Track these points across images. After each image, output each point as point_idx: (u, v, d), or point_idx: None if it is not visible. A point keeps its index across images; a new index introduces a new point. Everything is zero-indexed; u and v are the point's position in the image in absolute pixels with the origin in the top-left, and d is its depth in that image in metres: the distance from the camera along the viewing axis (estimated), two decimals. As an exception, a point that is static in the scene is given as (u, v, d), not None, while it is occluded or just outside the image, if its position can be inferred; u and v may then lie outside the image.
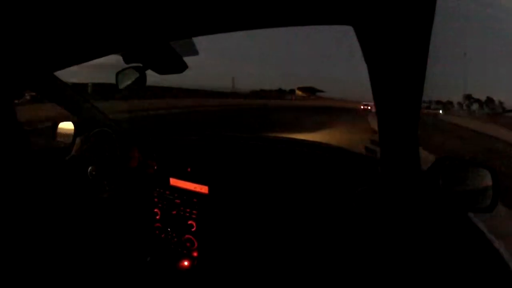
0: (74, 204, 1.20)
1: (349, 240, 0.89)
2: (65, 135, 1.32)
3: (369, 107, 33.98)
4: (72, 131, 1.30)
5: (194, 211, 1.12)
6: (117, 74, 0.95)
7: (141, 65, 0.91)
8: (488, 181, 0.73)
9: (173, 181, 1.17)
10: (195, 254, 1.13)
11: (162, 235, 1.19)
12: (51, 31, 0.61)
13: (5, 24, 0.55)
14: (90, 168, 1.10)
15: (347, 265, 0.90)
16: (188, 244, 1.13)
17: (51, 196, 1.17)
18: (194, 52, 0.91)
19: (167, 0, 0.49)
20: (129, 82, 0.95)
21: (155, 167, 1.21)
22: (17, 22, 0.55)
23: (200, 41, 0.87)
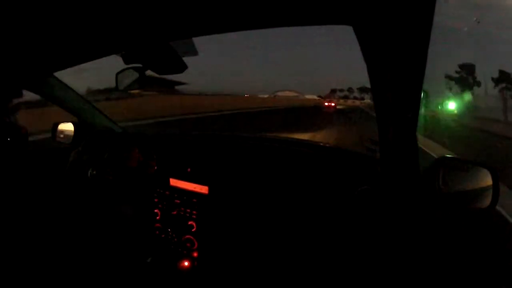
0: (74, 204, 1.20)
1: (349, 240, 0.89)
2: (65, 136, 1.32)
3: (333, 104, 29.35)
4: (72, 132, 1.30)
5: (194, 212, 1.12)
6: (117, 74, 0.95)
7: (140, 65, 0.92)
8: (488, 180, 0.73)
9: (173, 182, 1.17)
10: (195, 254, 1.13)
11: (162, 236, 1.19)
12: (51, 32, 0.61)
13: (5, 25, 0.55)
14: (90, 170, 1.10)
15: (347, 264, 0.90)
16: (188, 245, 1.13)
17: (51, 197, 1.17)
18: (193, 52, 0.91)
19: (166, 0, 0.49)
20: (128, 82, 0.95)
21: (155, 168, 1.21)
22: (17, 23, 0.55)
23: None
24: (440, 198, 0.75)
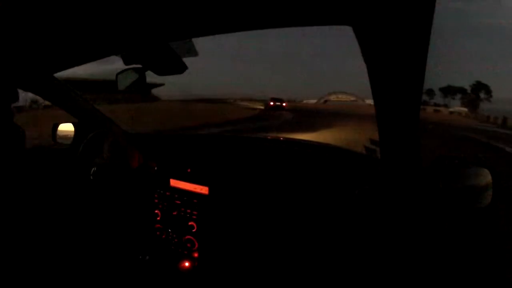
0: (74, 204, 1.20)
1: (349, 240, 0.89)
2: (65, 136, 1.32)
3: (283, 104, 23.06)
4: (72, 133, 1.30)
5: (195, 212, 1.12)
6: (117, 75, 0.95)
7: (140, 66, 0.92)
8: (487, 180, 0.73)
9: (173, 182, 1.17)
10: (195, 255, 1.13)
11: (163, 236, 1.19)
12: (50, 33, 0.61)
13: (5, 25, 0.55)
14: (92, 169, 1.10)
15: (348, 265, 0.90)
16: (188, 245, 1.13)
17: (51, 196, 1.17)
18: (193, 53, 0.91)
19: (166, 1, 0.49)
20: (128, 83, 0.95)
21: (155, 168, 1.21)
22: (17, 24, 0.56)
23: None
24: (440, 198, 0.75)
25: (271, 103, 23.27)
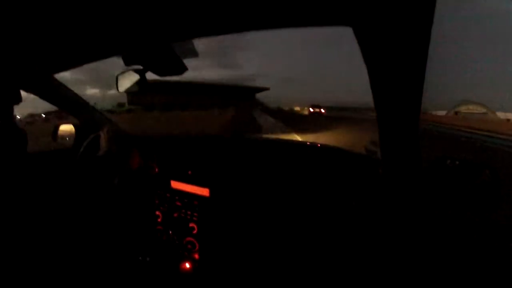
0: (75, 205, 1.20)
1: (350, 241, 0.89)
2: (66, 137, 1.32)
3: (322, 111, 24.83)
4: (73, 133, 1.30)
5: (195, 214, 1.12)
6: (117, 76, 0.95)
7: (141, 67, 0.92)
8: (488, 180, 0.73)
9: (174, 184, 1.17)
10: (196, 256, 1.13)
11: (164, 238, 1.19)
12: (51, 33, 0.61)
13: (5, 26, 0.55)
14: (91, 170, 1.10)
15: (348, 265, 0.90)
16: (189, 247, 1.13)
17: (52, 198, 1.17)
18: (193, 53, 0.91)
19: (166, 1, 0.50)
20: (129, 84, 0.95)
21: (156, 170, 1.21)
22: (17, 24, 0.56)
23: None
24: (441, 198, 0.75)
25: (311, 110, 25.96)
